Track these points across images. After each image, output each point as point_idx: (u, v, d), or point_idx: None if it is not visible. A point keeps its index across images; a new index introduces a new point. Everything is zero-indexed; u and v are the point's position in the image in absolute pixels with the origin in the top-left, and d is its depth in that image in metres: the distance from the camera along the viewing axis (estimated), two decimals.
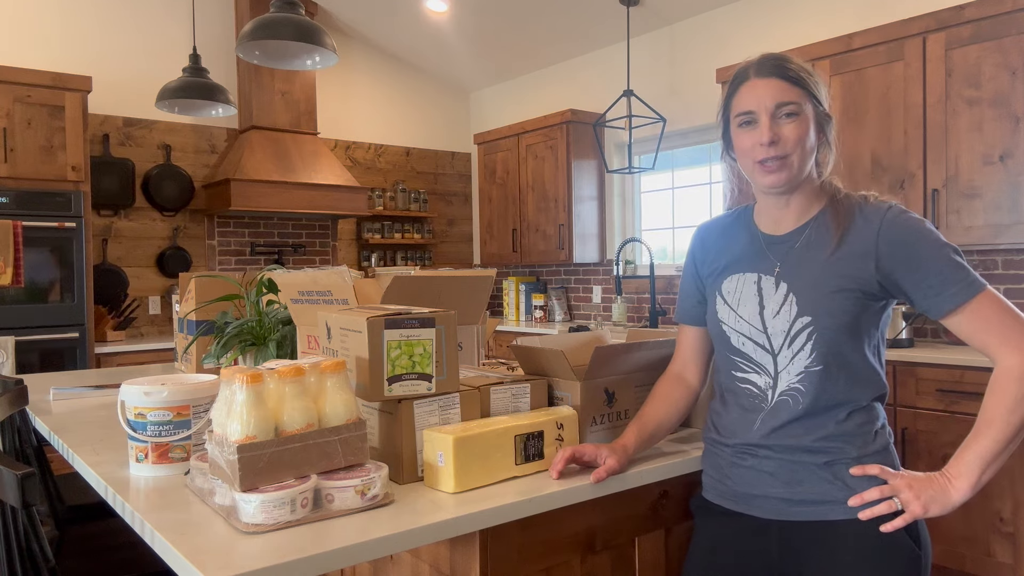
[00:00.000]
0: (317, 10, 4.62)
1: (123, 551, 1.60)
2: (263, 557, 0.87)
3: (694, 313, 1.29)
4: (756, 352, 1.16)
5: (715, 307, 1.22)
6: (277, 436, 1.02)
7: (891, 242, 1.09)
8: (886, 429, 1.16)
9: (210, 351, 1.74)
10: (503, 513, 1.05)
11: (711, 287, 1.25)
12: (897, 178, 2.96)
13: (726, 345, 1.21)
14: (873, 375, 1.14)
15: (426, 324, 1.17)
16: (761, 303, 1.16)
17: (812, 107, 1.12)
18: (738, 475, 1.18)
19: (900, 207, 1.13)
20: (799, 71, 1.12)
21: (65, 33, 3.95)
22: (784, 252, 1.17)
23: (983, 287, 1.07)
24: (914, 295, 1.09)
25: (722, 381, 1.24)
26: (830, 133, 1.16)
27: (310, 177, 4.35)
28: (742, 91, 1.14)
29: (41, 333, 3.46)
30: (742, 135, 1.15)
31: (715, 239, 1.28)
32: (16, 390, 1.67)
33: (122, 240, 4.15)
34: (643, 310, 4.36)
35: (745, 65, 1.16)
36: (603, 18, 4.20)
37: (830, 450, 1.11)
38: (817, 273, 1.12)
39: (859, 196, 1.16)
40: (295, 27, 2.01)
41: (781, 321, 1.13)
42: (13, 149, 3.42)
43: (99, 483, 1.23)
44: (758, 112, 1.12)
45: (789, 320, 1.13)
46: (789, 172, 1.11)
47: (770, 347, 1.15)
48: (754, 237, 1.21)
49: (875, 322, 1.14)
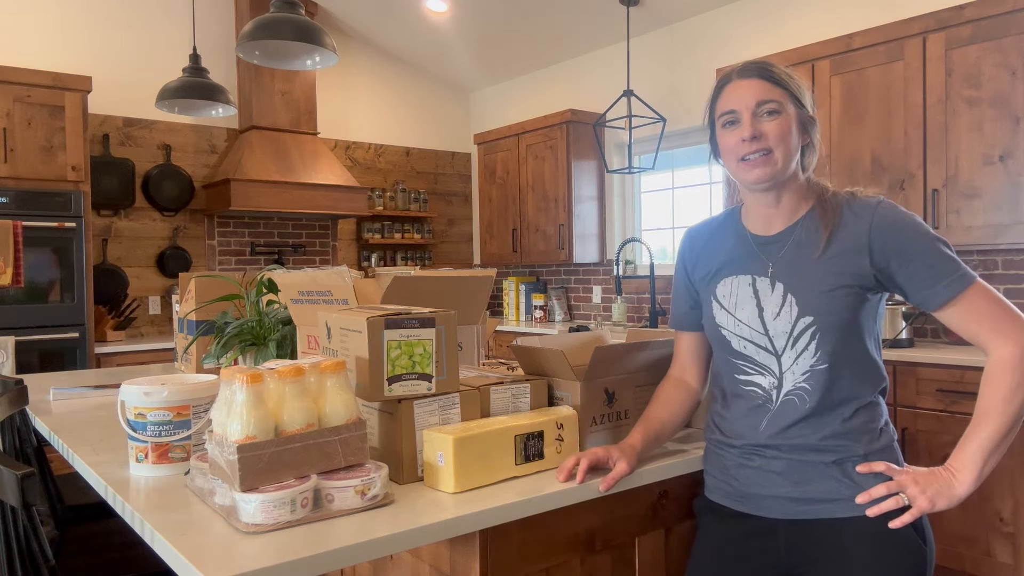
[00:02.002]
0: (317, 10, 4.62)
1: (123, 551, 1.60)
2: (263, 557, 0.87)
3: (689, 318, 1.29)
4: (759, 354, 1.16)
5: (711, 312, 1.22)
6: (277, 436, 1.02)
7: (883, 236, 1.10)
8: (889, 425, 1.17)
9: (210, 351, 1.74)
10: (503, 513, 1.05)
11: (704, 291, 1.25)
12: (897, 178, 2.96)
13: (727, 349, 1.20)
14: (875, 368, 1.16)
15: (426, 324, 1.17)
16: (759, 305, 1.16)
17: (794, 107, 1.14)
18: (745, 476, 1.18)
19: (889, 202, 1.14)
20: (781, 73, 1.14)
21: (65, 33, 3.95)
22: (775, 252, 1.17)
23: (974, 279, 1.09)
24: (908, 288, 1.11)
25: (724, 384, 1.23)
26: (814, 135, 1.17)
27: (310, 177, 4.35)
28: (725, 92, 1.16)
29: (41, 333, 3.46)
30: (726, 135, 1.16)
31: (704, 243, 1.28)
32: (16, 390, 1.67)
33: (122, 240, 4.15)
34: (643, 310, 4.36)
35: (729, 70, 1.19)
36: (603, 18, 4.20)
37: (837, 448, 1.12)
38: (812, 272, 1.13)
39: (846, 193, 1.17)
40: (295, 27, 2.01)
41: (783, 322, 1.13)
42: (13, 149, 3.42)
43: (99, 483, 1.23)
44: (740, 111, 1.13)
45: (791, 321, 1.13)
46: (772, 168, 1.12)
47: (773, 348, 1.15)
48: (743, 238, 1.21)
49: (873, 315, 1.15)
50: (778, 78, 1.13)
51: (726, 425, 1.21)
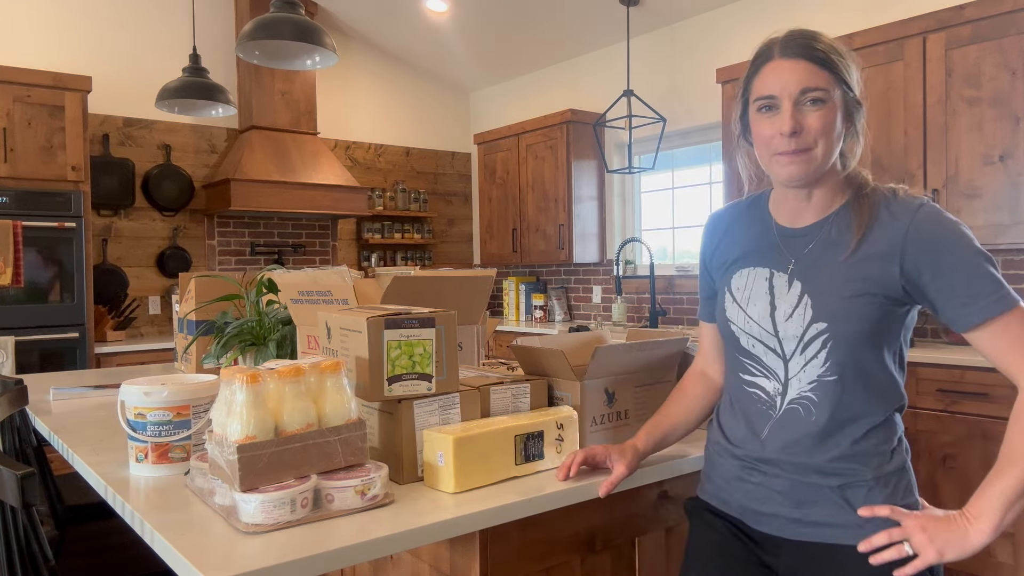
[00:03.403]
0: (317, 10, 4.62)
1: (123, 551, 1.60)
2: (263, 557, 0.87)
3: (711, 308, 1.22)
4: (767, 355, 1.09)
5: (724, 304, 1.15)
6: (277, 436, 1.02)
7: (920, 244, 0.99)
8: (903, 444, 1.08)
9: (210, 351, 1.74)
10: (503, 513, 1.05)
11: (720, 281, 1.18)
12: (897, 178, 2.97)
13: (735, 346, 1.13)
14: (893, 386, 1.06)
15: (426, 324, 1.17)
16: (772, 303, 1.07)
17: (841, 93, 1.02)
18: (745, 491, 1.11)
19: (933, 205, 1.02)
20: (829, 52, 1.01)
21: (65, 33, 3.95)
22: (800, 248, 1.07)
23: (1016, 303, 0.97)
24: (939, 304, 1.00)
25: (730, 383, 1.17)
26: (859, 121, 1.05)
27: (310, 177, 4.35)
28: (764, 72, 1.03)
29: (41, 333, 3.46)
30: (761, 121, 1.04)
31: (726, 228, 1.19)
32: (16, 390, 1.67)
33: (122, 240, 4.15)
34: (643, 310, 4.36)
35: (769, 42, 1.05)
36: (603, 18, 4.20)
37: (844, 472, 1.03)
38: (836, 274, 1.03)
39: (887, 189, 1.06)
40: (295, 27, 2.01)
41: (794, 325, 1.05)
42: (13, 149, 3.42)
43: (99, 483, 1.23)
44: (781, 97, 1.01)
45: (803, 325, 1.04)
46: (810, 165, 1.02)
47: (781, 351, 1.07)
48: (768, 228, 1.12)
49: (898, 330, 1.04)
50: (825, 58, 1.00)
51: (729, 429, 1.15)
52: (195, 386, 1.26)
